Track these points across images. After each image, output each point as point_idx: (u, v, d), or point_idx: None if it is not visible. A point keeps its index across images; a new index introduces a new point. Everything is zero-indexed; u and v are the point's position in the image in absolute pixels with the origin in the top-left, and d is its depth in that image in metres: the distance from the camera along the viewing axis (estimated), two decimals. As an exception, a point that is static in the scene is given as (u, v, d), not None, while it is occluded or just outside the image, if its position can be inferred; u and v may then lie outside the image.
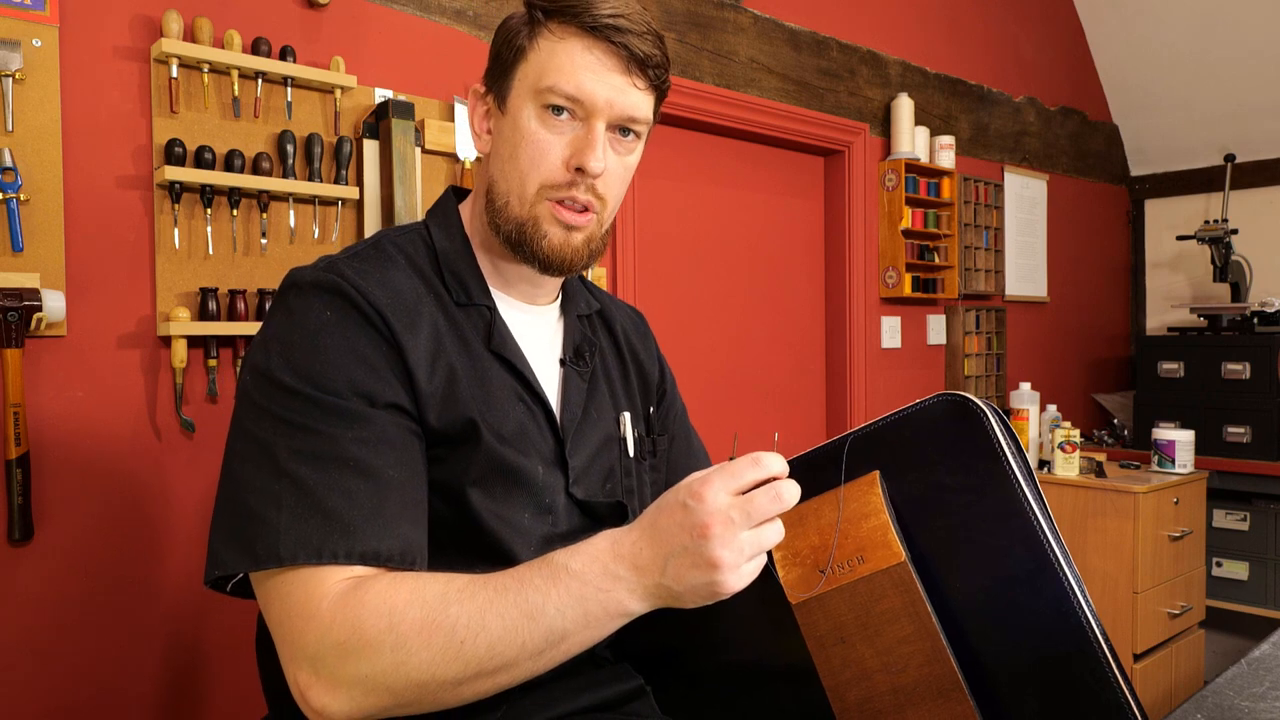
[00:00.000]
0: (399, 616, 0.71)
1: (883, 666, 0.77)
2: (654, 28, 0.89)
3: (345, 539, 0.75)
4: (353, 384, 0.79)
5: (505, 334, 0.92)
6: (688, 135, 2.56)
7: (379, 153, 1.80)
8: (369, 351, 0.81)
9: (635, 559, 0.72)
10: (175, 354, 1.55)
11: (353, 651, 0.71)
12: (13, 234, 1.41)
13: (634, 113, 0.89)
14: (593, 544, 0.74)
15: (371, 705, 0.73)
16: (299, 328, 0.81)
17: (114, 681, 1.53)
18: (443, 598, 0.73)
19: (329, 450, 0.77)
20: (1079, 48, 3.96)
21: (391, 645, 0.71)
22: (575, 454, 0.94)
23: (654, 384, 1.13)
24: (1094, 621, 0.73)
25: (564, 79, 0.86)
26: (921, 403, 0.81)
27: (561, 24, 0.87)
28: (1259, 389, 3.20)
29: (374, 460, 0.78)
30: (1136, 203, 4.28)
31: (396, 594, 0.73)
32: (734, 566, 0.70)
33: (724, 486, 0.71)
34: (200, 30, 1.58)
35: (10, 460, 1.40)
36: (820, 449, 0.85)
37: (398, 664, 0.71)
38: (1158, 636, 2.66)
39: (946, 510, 0.78)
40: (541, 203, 0.89)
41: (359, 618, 0.72)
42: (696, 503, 0.70)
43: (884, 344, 3.03)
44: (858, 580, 0.77)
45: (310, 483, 0.76)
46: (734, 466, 0.72)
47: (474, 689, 0.73)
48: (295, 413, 0.78)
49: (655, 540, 0.72)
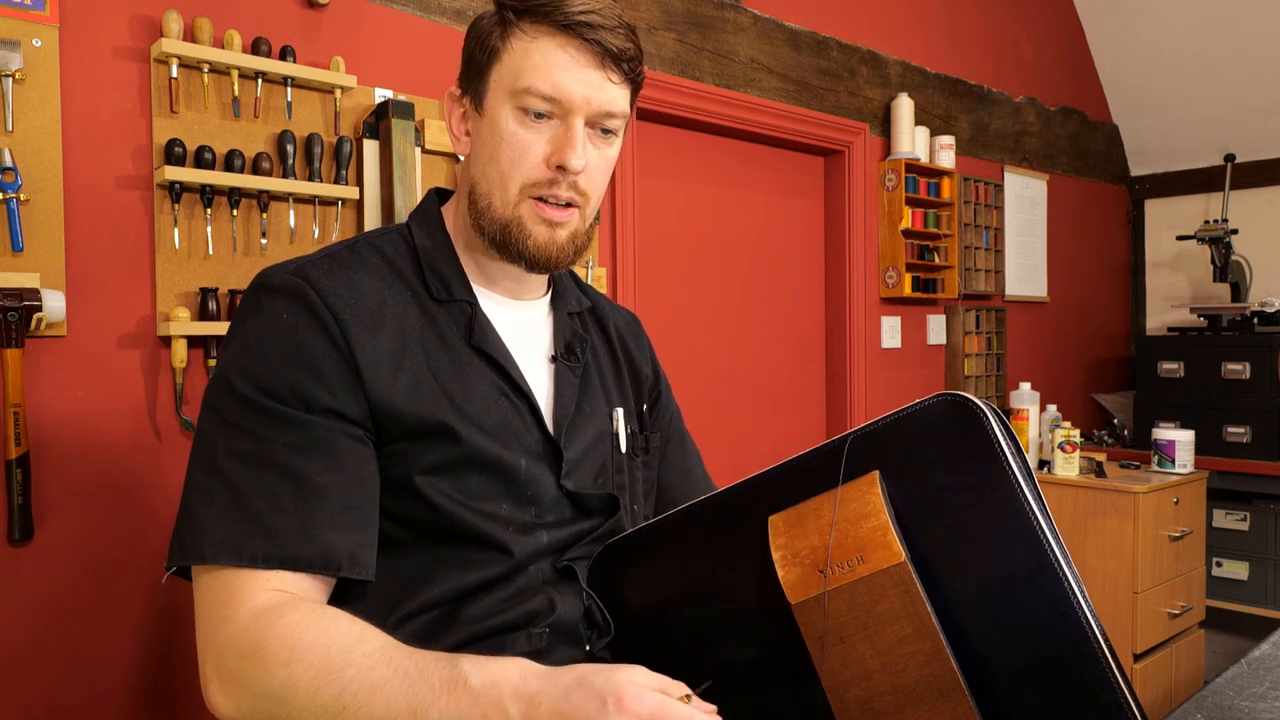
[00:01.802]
0: (300, 654, 0.72)
1: (883, 667, 0.77)
2: (625, 20, 0.89)
3: (264, 542, 0.76)
4: (294, 388, 0.81)
5: (487, 329, 0.93)
6: (688, 135, 2.56)
7: (379, 153, 1.80)
8: (317, 357, 0.82)
9: (531, 711, 0.69)
10: (175, 354, 1.55)
11: (251, 667, 0.73)
12: (13, 234, 1.41)
13: (611, 108, 0.89)
14: (502, 666, 0.72)
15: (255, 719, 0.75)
16: (256, 329, 0.84)
17: (114, 681, 1.53)
18: (346, 655, 0.72)
19: (261, 453, 0.79)
20: (1079, 48, 3.96)
21: (283, 680, 0.72)
22: (569, 447, 0.94)
23: (647, 383, 1.13)
24: (1094, 622, 0.73)
25: (539, 79, 0.86)
26: (921, 403, 0.80)
27: (534, 23, 0.87)
28: (1259, 389, 3.20)
29: (303, 466, 0.79)
30: (1136, 203, 4.28)
31: (307, 631, 0.73)
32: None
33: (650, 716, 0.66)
34: (200, 30, 1.58)
35: (10, 460, 1.40)
36: (820, 449, 0.85)
37: (283, 697, 0.72)
38: (1158, 636, 2.66)
39: (946, 510, 0.78)
40: (524, 202, 0.90)
41: (265, 639, 0.73)
42: (615, 713, 0.66)
43: (884, 344, 3.03)
44: (857, 580, 0.77)
45: (240, 484, 0.78)
46: (669, 708, 0.67)
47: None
48: (236, 414, 0.80)
49: (558, 711, 0.68)
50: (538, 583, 0.91)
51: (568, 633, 0.92)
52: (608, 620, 0.94)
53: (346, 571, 0.79)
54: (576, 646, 0.92)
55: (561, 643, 0.91)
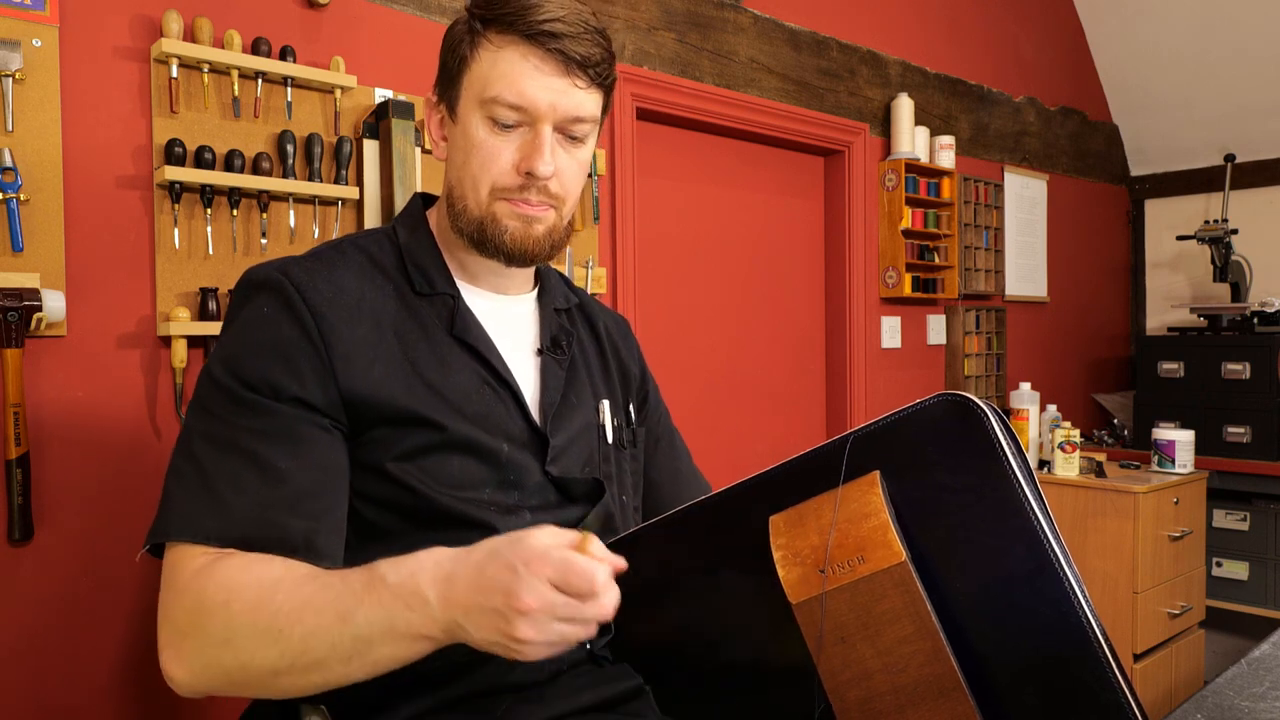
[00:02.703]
0: (236, 594, 0.75)
1: (883, 666, 0.77)
2: (593, 25, 0.91)
3: (220, 522, 0.80)
4: (266, 378, 0.84)
5: (469, 321, 0.95)
6: (688, 135, 2.56)
7: (379, 153, 1.80)
8: (291, 349, 0.85)
9: (449, 591, 0.71)
10: (175, 354, 1.55)
11: (194, 622, 0.76)
12: (13, 234, 1.41)
13: (578, 113, 0.92)
14: (418, 559, 0.74)
15: (208, 681, 0.78)
16: (240, 323, 0.88)
17: (114, 681, 1.53)
18: (276, 584, 0.76)
19: (228, 437, 0.82)
20: (1079, 48, 3.96)
21: (224, 621, 0.75)
22: (555, 434, 0.96)
23: (635, 382, 1.14)
24: (1094, 622, 0.73)
25: (505, 88, 0.88)
26: (922, 403, 0.80)
27: (499, 33, 0.89)
28: (1259, 389, 3.20)
29: (265, 451, 0.82)
30: (1136, 203, 4.28)
31: (241, 573, 0.77)
32: (533, 645, 0.70)
33: (559, 576, 0.69)
34: (200, 30, 1.58)
35: (10, 460, 1.40)
36: (821, 449, 0.85)
37: (226, 640, 0.75)
38: (1158, 636, 2.66)
39: (947, 510, 0.78)
40: (496, 202, 0.92)
41: (204, 589, 0.77)
42: (527, 575, 0.69)
43: (884, 344, 3.03)
44: (858, 580, 0.77)
45: (208, 466, 0.82)
46: (578, 564, 0.69)
47: (291, 682, 0.76)
48: (213, 401, 0.85)
49: (475, 585, 0.71)
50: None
51: None
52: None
53: (303, 555, 0.81)
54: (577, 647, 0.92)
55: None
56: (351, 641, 0.73)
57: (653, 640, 0.94)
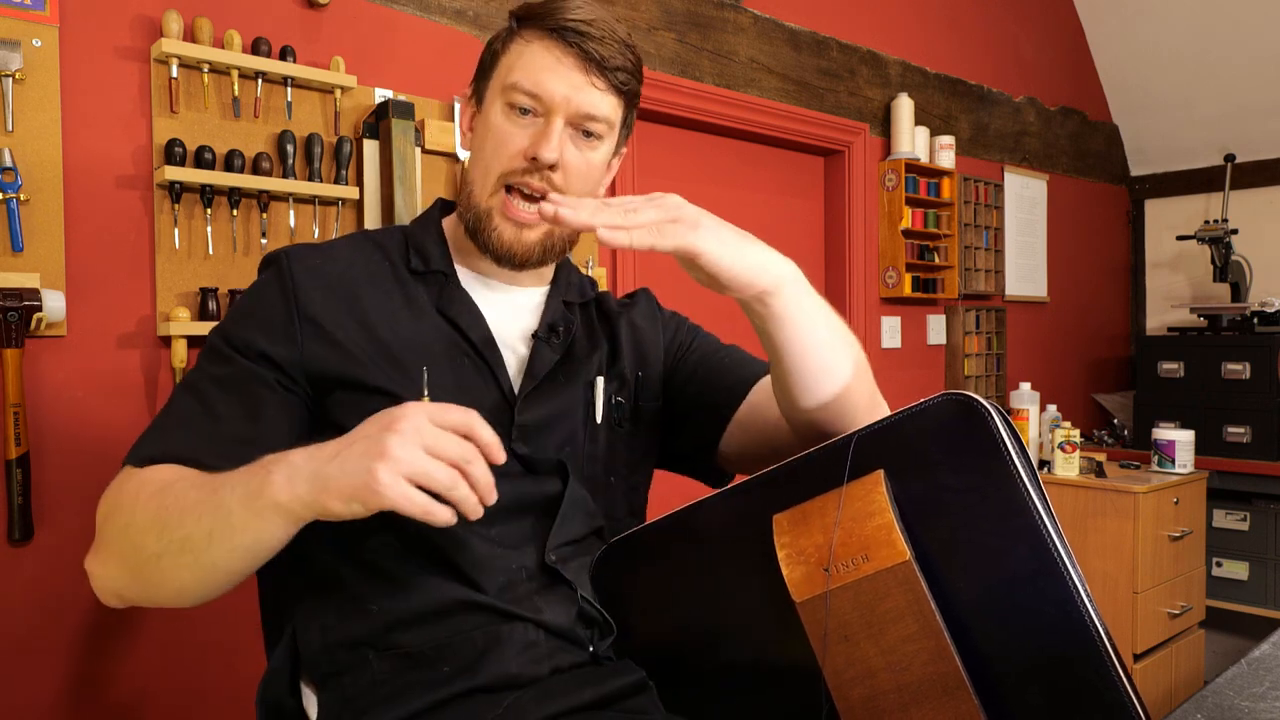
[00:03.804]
0: (143, 488, 0.83)
1: (887, 665, 0.77)
2: (621, 36, 0.96)
3: (154, 447, 0.87)
4: (243, 335, 0.91)
5: (459, 299, 0.98)
6: (688, 135, 2.56)
7: (379, 153, 1.80)
8: (269, 313, 0.92)
9: (318, 449, 0.74)
10: (175, 354, 1.55)
11: (107, 516, 0.85)
12: (13, 234, 1.40)
13: (592, 110, 0.94)
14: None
15: (113, 573, 0.85)
16: (243, 294, 0.98)
17: (114, 681, 1.52)
18: (179, 478, 0.82)
19: (195, 381, 0.91)
20: (1079, 48, 3.96)
21: (128, 511, 0.83)
22: (524, 413, 0.96)
23: (656, 350, 1.12)
24: (1098, 621, 0.73)
25: (524, 75, 0.93)
26: (926, 402, 0.80)
27: (530, 29, 0.95)
28: (1259, 389, 3.20)
29: (214, 395, 0.89)
30: (1136, 203, 4.28)
31: (154, 473, 0.84)
32: (396, 465, 0.69)
33: (434, 413, 0.72)
34: (200, 30, 1.58)
35: (10, 460, 1.40)
36: (825, 448, 0.85)
37: (124, 526, 0.82)
38: (1158, 636, 2.66)
39: (950, 510, 0.78)
40: (498, 193, 0.95)
41: (121, 489, 0.86)
42: (400, 410, 0.72)
43: (884, 344, 3.03)
44: (862, 579, 0.77)
45: (174, 404, 0.91)
46: (455, 408, 0.73)
47: (173, 564, 0.79)
48: (200, 358, 0.94)
49: (348, 437, 0.74)
50: (521, 579, 0.91)
51: (564, 634, 0.91)
52: (607, 619, 0.94)
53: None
54: (578, 647, 0.92)
55: (559, 647, 0.91)
56: (214, 512, 0.76)
57: (655, 640, 0.94)
